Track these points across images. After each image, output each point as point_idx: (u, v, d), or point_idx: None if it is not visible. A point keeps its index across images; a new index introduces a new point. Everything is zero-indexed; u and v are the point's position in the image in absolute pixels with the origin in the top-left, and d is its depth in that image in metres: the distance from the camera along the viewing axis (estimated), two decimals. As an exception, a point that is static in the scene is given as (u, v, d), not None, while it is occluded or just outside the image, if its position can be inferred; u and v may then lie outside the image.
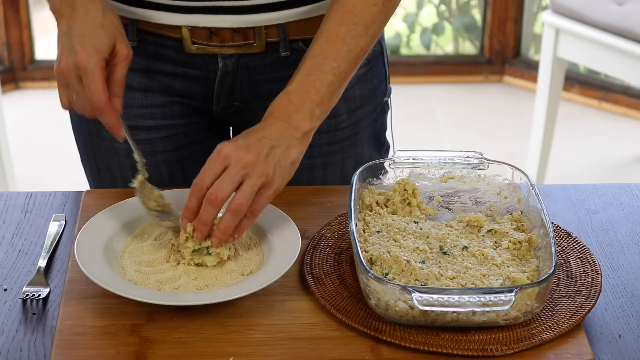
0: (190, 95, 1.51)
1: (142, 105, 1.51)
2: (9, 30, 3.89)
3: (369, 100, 1.56)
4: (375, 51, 1.56)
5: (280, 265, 1.25)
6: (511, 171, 1.38)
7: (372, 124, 1.59)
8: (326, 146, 1.54)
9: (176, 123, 1.53)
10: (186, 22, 1.43)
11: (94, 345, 1.16)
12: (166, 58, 1.48)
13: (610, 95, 3.89)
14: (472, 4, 4.23)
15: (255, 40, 1.45)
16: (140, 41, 1.47)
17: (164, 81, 1.50)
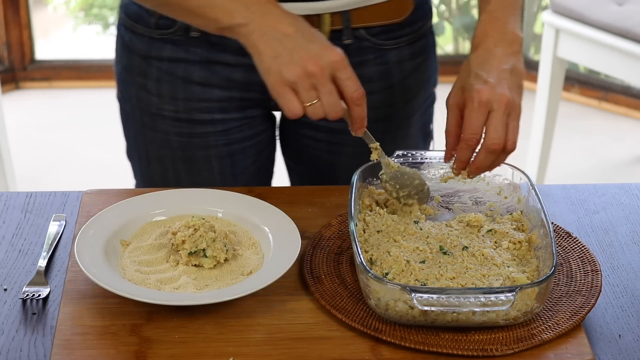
0: (250, 87, 1.51)
1: (201, 99, 1.52)
2: (9, 30, 3.89)
3: (423, 90, 1.59)
4: (429, 41, 1.59)
5: (280, 265, 1.25)
6: (511, 171, 1.38)
7: (423, 115, 1.61)
8: (380, 134, 1.53)
9: (232, 118, 1.53)
10: None
11: (94, 345, 1.16)
12: (229, 48, 1.47)
13: (610, 95, 3.89)
14: (472, 4, 4.23)
15: (320, 28, 1.45)
16: (203, 32, 1.46)
17: (224, 73, 1.50)
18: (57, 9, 4.27)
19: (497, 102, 1.27)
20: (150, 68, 1.50)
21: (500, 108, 1.27)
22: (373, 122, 1.39)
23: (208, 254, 1.26)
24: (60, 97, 3.95)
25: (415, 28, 1.54)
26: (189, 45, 1.48)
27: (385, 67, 1.51)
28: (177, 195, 1.37)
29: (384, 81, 1.52)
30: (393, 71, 1.53)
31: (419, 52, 1.54)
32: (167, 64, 1.51)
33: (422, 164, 1.40)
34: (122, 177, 3.33)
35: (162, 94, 1.50)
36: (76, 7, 4.22)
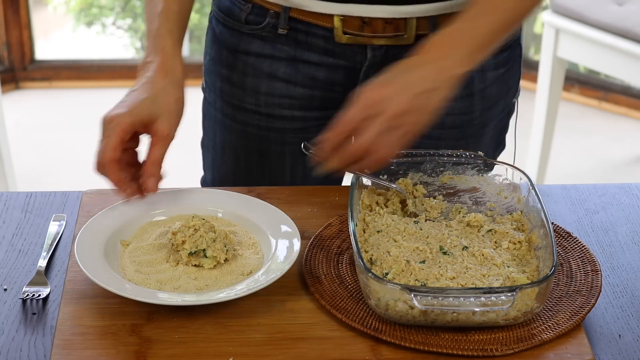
0: (332, 86, 1.52)
1: (283, 95, 1.53)
2: (9, 30, 3.89)
3: (502, 100, 1.58)
4: (515, 52, 1.57)
5: (280, 265, 1.25)
6: (511, 171, 1.38)
7: (498, 124, 1.60)
8: (453, 141, 1.54)
9: (311, 116, 1.54)
10: (339, 11, 1.44)
11: (94, 345, 1.16)
12: (314, 47, 1.49)
13: (610, 95, 3.89)
14: (472, 4, 4.23)
15: (405, 32, 1.45)
16: (290, 29, 1.48)
17: (307, 72, 1.51)
18: (57, 9, 4.27)
19: (388, 105, 1.23)
20: (237, 61, 1.52)
21: (384, 114, 1.23)
22: (448, 129, 1.39)
23: (208, 254, 1.26)
24: (60, 97, 3.95)
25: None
26: (275, 42, 1.50)
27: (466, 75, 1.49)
28: (177, 195, 1.37)
29: (465, 89, 1.50)
30: (475, 80, 1.51)
31: (503, 63, 1.53)
32: (253, 58, 1.52)
33: (422, 164, 1.39)
34: (122, 177, 3.34)
35: (245, 87, 1.52)
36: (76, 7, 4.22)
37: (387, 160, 1.28)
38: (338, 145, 1.26)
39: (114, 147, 1.27)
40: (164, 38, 1.36)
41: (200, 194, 1.40)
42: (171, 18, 1.37)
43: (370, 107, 1.24)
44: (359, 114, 1.25)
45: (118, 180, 1.29)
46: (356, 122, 1.24)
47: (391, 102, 1.23)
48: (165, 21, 1.37)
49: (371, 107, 1.24)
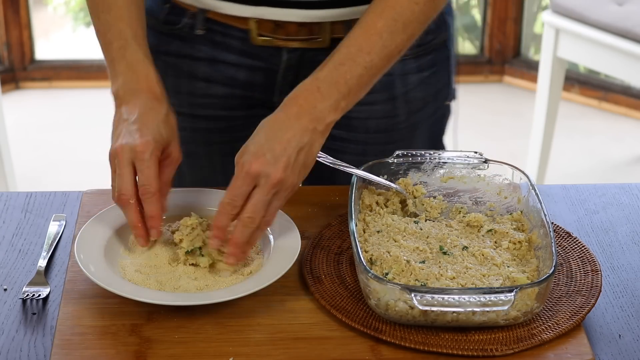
0: (252, 87, 1.52)
1: (204, 95, 1.53)
2: (9, 30, 3.89)
3: (430, 103, 1.57)
4: (442, 54, 1.56)
5: (280, 265, 1.25)
6: (511, 171, 1.38)
7: (431, 127, 1.59)
8: (381, 146, 1.53)
9: (235, 115, 1.54)
10: (253, 14, 1.45)
11: (94, 345, 1.16)
12: (232, 48, 1.49)
13: (610, 95, 3.89)
14: (472, 4, 4.23)
15: (320, 36, 1.46)
16: (207, 30, 1.48)
17: (227, 72, 1.51)
18: (57, 9, 4.27)
19: (266, 179, 1.22)
20: (157, 61, 1.51)
21: (267, 185, 1.22)
22: (373, 133, 1.39)
23: (204, 252, 1.26)
24: (60, 97, 3.95)
25: (424, 41, 1.51)
26: (194, 42, 1.50)
27: (388, 79, 1.49)
28: (177, 195, 1.37)
29: (386, 92, 1.51)
30: (396, 83, 1.51)
31: (427, 66, 1.53)
32: (173, 58, 1.53)
33: (422, 163, 1.39)
34: (122, 177, 3.33)
35: (166, 88, 1.51)
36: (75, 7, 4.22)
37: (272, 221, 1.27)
38: (227, 227, 1.25)
39: (156, 175, 1.25)
40: (144, 64, 1.34)
41: (200, 194, 1.40)
42: (142, 43, 1.36)
43: (250, 180, 1.22)
44: (243, 189, 1.22)
45: (158, 213, 1.26)
46: (242, 197, 1.23)
47: (268, 176, 1.22)
48: (139, 47, 1.35)
49: (252, 180, 1.22)
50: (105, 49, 1.37)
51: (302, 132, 1.25)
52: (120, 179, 1.25)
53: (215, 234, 1.24)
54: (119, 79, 1.34)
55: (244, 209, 1.22)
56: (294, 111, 1.26)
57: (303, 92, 1.28)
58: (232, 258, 1.24)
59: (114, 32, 1.35)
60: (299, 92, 1.28)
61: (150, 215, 1.25)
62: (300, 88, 1.29)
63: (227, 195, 1.23)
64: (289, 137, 1.24)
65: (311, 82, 1.29)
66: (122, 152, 1.25)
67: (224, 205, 1.23)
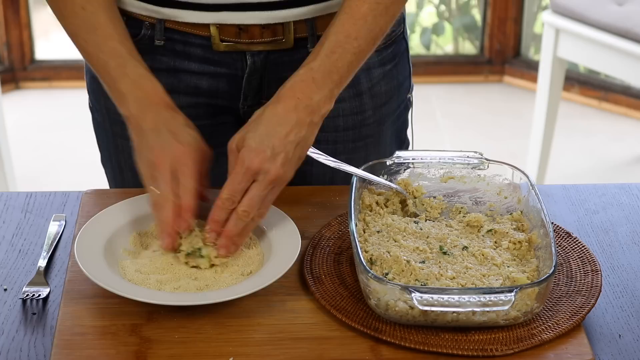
0: (217, 94, 1.51)
1: None
2: (9, 30, 3.89)
3: (394, 96, 1.57)
4: (401, 47, 1.56)
5: (280, 265, 1.25)
6: (511, 171, 1.38)
7: (396, 121, 1.59)
8: (351, 143, 1.53)
9: (202, 124, 1.52)
10: (214, 19, 1.43)
11: (94, 345, 1.16)
12: (193, 57, 1.48)
13: (610, 95, 3.89)
14: (472, 4, 4.23)
15: (284, 37, 1.45)
16: (167, 40, 1.46)
17: (190, 81, 1.49)
18: (57, 9, 4.26)
19: (264, 175, 1.23)
20: None
21: (264, 181, 1.23)
22: (343, 131, 1.39)
23: (204, 253, 1.26)
24: (60, 97, 3.95)
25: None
26: (154, 54, 1.47)
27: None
28: None
29: (352, 89, 1.50)
30: (361, 79, 1.51)
31: (388, 59, 1.52)
32: None
33: (422, 164, 1.39)
34: (122, 177, 3.33)
35: None
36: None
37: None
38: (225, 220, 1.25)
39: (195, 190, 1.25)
40: (148, 78, 1.34)
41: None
42: (139, 58, 1.35)
43: (250, 177, 1.23)
44: (242, 185, 1.23)
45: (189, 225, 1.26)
46: (241, 192, 1.24)
47: (267, 173, 1.23)
48: (138, 62, 1.35)
49: (251, 176, 1.23)
50: (102, 70, 1.35)
51: (300, 126, 1.26)
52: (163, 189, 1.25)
53: (212, 227, 1.25)
54: (127, 99, 1.33)
55: (241, 203, 1.23)
56: (292, 104, 1.27)
57: (299, 83, 1.29)
58: (224, 250, 1.25)
59: (107, 52, 1.34)
60: (294, 83, 1.29)
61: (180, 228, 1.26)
62: (295, 79, 1.29)
63: (226, 190, 1.24)
64: (287, 131, 1.26)
65: (305, 72, 1.29)
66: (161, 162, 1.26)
67: (223, 201, 1.24)
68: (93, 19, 1.35)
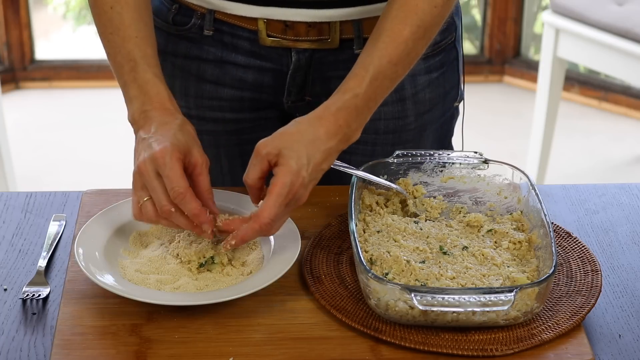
0: (261, 88, 1.51)
1: (212, 97, 1.52)
2: (9, 30, 3.89)
3: (438, 104, 1.56)
4: (450, 55, 1.56)
5: (280, 265, 1.25)
6: (511, 171, 1.38)
7: (439, 129, 1.59)
8: (390, 146, 1.53)
9: (244, 117, 1.53)
10: (262, 14, 1.44)
11: (94, 345, 1.16)
12: (240, 49, 1.48)
13: (610, 95, 3.89)
14: (472, 4, 4.23)
15: (329, 36, 1.45)
16: (216, 31, 1.48)
17: (236, 73, 1.50)
18: (57, 9, 4.27)
19: (297, 201, 1.23)
20: (165, 62, 1.50)
21: (294, 205, 1.24)
22: (383, 134, 1.38)
23: (216, 260, 1.26)
24: (60, 97, 3.95)
25: (433, 42, 1.50)
26: (202, 44, 1.49)
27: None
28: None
29: (396, 94, 1.49)
30: (405, 84, 1.50)
31: (435, 67, 1.52)
32: (181, 60, 1.51)
33: (422, 163, 1.40)
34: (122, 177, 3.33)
35: (174, 90, 1.50)
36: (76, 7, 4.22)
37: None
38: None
39: (182, 174, 1.22)
40: (154, 83, 1.32)
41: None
42: (152, 63, 1.34)
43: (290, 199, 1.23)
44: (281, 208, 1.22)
45: (198, 209, 1.22)
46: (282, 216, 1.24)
47: (301, 196, 1.24)
48: (148, 67, 1.33)
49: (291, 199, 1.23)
50: (118, 72, 1.35)
51: (333, 154, 1.27)
52: (154, 193, 1.22)
53: (237, 244, 1.24)
54: (133, 104, 1.32)
55: (264, 216, 1.22)
56: (334, 130, 1.26)
57: (343, 110, 1.27)
58: (230, 246, 1.24)
59: (123, 54, 1.34)
60: (338, 110, 1.27)
61: (193, 214, 1.22)
62: (340, 105, 1.27)
63: (268, 214, 1.21)
64: (323, 159, 1.25)
65: (350, 99, 1.28)
66: (144, 167, 1.23)
67: (263, 226, 1.21)
68: (118, 19, 1.34)
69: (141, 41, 1.35)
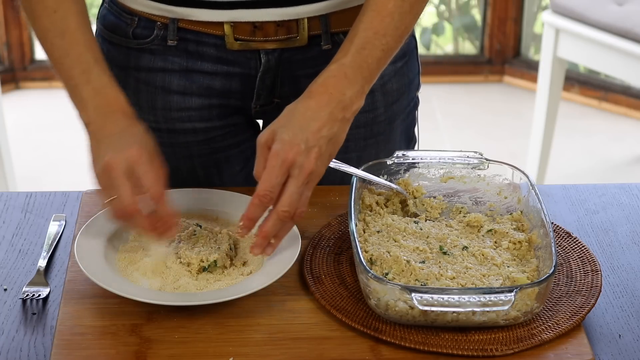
0: (229, 94, 1.50)
1: (180, 109, 1.50)
2: (9, 30, 3.89)
3: (405, 94, 1.56)
4: (410, 44, 1.56)
5: (280, 265, 1.25)
6: (511, 171, 1.38)
7: (405, 119, 1.59)
8: (362, 140, 1.53)
9: (213, 126, 1.52)
10: (228, 18, 1.42)
11: (94, 345, 1.16)
12: (206, 56, 1.47)
13: (610, 95, 3.89)
14: (472, 4, 4.23)
15: (298, 34, 1.45)
16: (180, 40, 1.45)
17: (203, 82, 1.48)
18: (57, 9, 4.26)
19: (300, 169, 1.21)
20: (129, 79, 1.48)
21: (300, 176, 1.22)
22: (354, 128, 1.38)
23: (219, 263, 1.26)
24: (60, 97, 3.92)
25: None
26: (166, 55, 1.46)
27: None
28: (177, 195, 1.37)
29: None
30: None
31: (399, 56, 1.51)
32: (145, 74, 1.48)
33: (422, 164, 1.39)
34: (122, 177, 3.33)
35: (141, 105, 1.48)
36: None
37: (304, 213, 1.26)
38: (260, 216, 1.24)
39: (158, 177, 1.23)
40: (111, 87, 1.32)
41: (199, 194, 1.40)
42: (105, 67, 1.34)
43: (285, 170, 1.22)
44: (279, 179, 1.22)
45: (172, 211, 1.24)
46: (279, 187, 1.22)
47: (302, 167, 1.22)
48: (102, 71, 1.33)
49: (286, 170, 1.22)
50: (66, 75, 1.34)
51: (332, 122, 1.25)
52: (121, 191, 1.22)
53: (245, 224, 1.23)
54: (87, 105, 1.31)
55: (280, 202, 1.21)
56: (325, 99, 1.26)
57: (331, 78, 1.28)
58: (258, 249, 1.24)
59: (73, 57, 1.33)
60: (326, 78, 1.28)
61: (165, 214, 1.23)
62: (327, 74, 1.28)
63: (263, 185, 1.21)
64: (319, 126, 1.24)
65: (337, 68, 1.28)
66: (115, 164, 1.22)
67: (260, 197, 1.21)
68: (62, 23, 1.34)
69: (90, 45, 1.34)
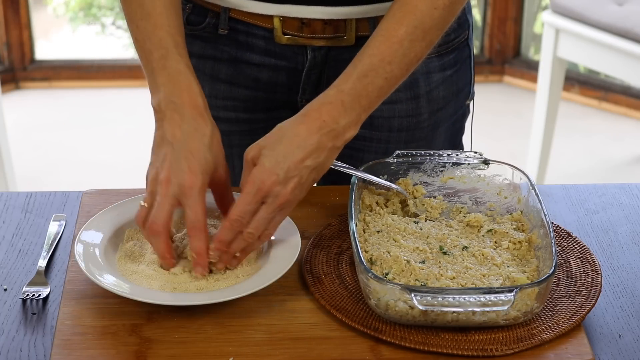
0: (275, 87, 1.51)
1: (226, 97, 1.52)
2: (9, 30, 3.89)
3: (452, 102, 1.56)
4: (464, 53, 1.56)
5: (280, 265, 1.25)
6: (511, 171, 1.38)
7: (451, 127, 1.59)
8: (403, 144, 1.53)
9: (257, 118, 1.53)
10: (278, 12, 1.44)
11: (94, 345, 1.16)
12: (255, 48, 1.48)
13: (610, 95, 3.89)
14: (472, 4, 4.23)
15: (345, 34, 1.45)
16: (230, 30, 1.47)
17: (250, 73, 1.50)
18: (56, 9, 4.27)
19: (274, 198, 1.21)
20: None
21: (273, 204, 1.21)
22: (396, 132, 1.38)
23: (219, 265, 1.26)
24: (60, 97, 3.96)
25: (447, 40, 1.51)
26: (217, 43, 1.49)
27: (412, 78, 1.45)
28: None
29: (410, 91, 1.50)
30: (420, 82, 1.50)
31: (449, 65, 1.52)
32: (195, 60, 1.49)
33: (422, 163, 1.40)
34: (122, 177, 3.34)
35: None
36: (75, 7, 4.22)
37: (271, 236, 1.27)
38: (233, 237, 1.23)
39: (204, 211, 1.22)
40: (185, 75, 1.30)
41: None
42: (183, 53, 1.32)
43: (260, 198, 1.21)
44: (252, 207, 1.21)
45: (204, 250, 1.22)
46: (251, 214, 1.22)
47: (277, 196, 1.21)
48: (180, 57, 1.31)
49: (261, 198, 1.21)
50: (145, 58, 1.32)
51: (319, 151, 1.24)
52: (158, 208, 1.22)
53: (217, 246, 1.23)
54: (160, 91, 1.29)
55: (249, 225, 1.22)
56: (316, 125, 1.24)
57: (327, 105, 1.26)
58: (221, 265, 1.24)
59: (154, 41, 1.31)
60: (322, 104, 1.26)
61: (197, 252, 1.22)
62: (323, 100, 1.26)
63: (236, 211, 1.21)
64: (304, 155, 1.23)
65: (335, 94, 1.26)
66: (168, 185, 1.22)
67: (232, 222, 1.21)
68: (149, 5, 1.32)
69: (173, 30, 1.33)
